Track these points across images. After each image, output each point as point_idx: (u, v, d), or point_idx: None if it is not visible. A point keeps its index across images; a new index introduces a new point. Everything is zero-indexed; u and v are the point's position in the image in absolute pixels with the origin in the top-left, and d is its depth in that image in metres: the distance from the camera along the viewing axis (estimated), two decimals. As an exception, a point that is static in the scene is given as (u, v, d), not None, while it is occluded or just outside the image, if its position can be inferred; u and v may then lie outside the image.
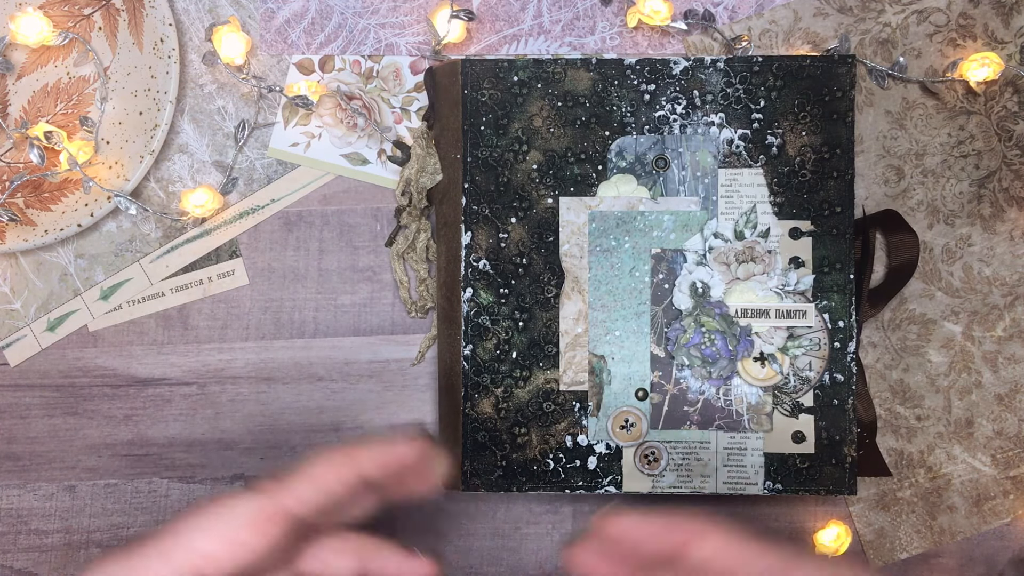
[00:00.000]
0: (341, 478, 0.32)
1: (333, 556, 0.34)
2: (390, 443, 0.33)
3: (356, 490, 0.33)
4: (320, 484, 0.32)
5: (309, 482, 0.32)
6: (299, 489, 0.31)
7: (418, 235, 0.51)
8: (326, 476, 0.32)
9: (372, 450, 0.33)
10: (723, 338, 0.47)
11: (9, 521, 0.52)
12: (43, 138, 0.50)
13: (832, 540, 0.50)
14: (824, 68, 0.47)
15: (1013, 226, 0.51)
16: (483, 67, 0.48)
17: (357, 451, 0.33)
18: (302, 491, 0.31)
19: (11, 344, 0.53)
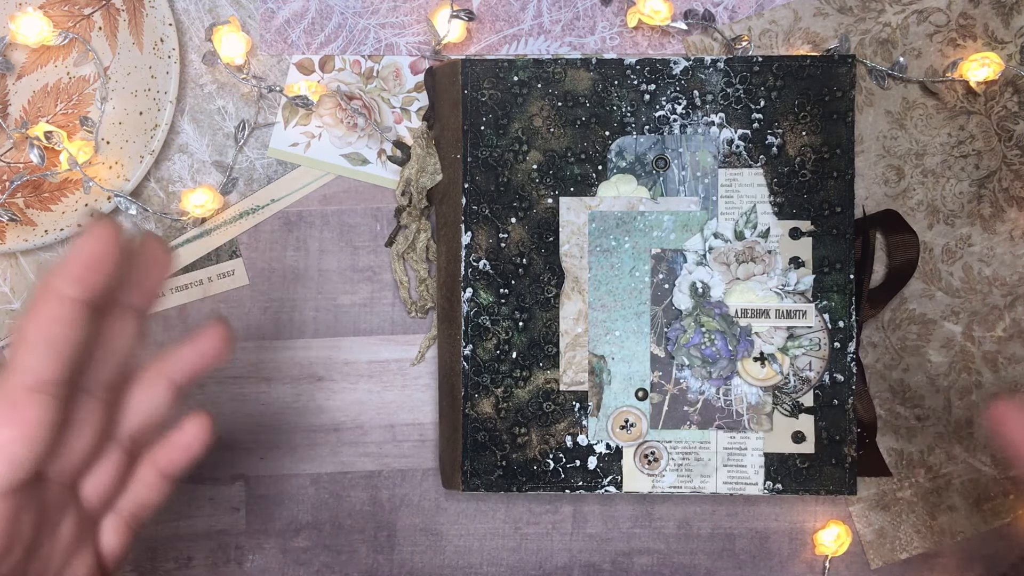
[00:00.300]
0: (56, 321, 0.27)
1: (143, 396, 0.31)
2: (78, 246, 0.28)
3: (76, 319, 0.27)
4: (40, 342, 0.27)
5: (31, 348, 0.27)
6: (21, 361, 0.27)
7: (418, 235, 0.51)
8: (43, 330, 0.27)
9: (67, 267, 0.28)
10: (723, 338, 0.47)
11: (9, 521, 0.52)
12: (43, 138, 0.50)
13: (832, 540, 0.50)
14: (824, 68, 0.47)
15: (1013, 226, 0.51)
16: (483, 67, 0.48)
17: (52, 281, 0.28)
18: (24, 360, 0.27)
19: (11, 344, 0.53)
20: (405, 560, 0.52)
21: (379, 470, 0.52)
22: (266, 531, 0.52)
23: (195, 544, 0.52)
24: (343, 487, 0.52)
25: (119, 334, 0.30)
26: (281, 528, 0.52)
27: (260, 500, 0.52)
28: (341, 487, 0.52)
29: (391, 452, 0.52)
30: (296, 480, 0.52)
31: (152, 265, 0.29)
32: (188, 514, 0.52)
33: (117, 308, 0.30)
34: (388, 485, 0.52)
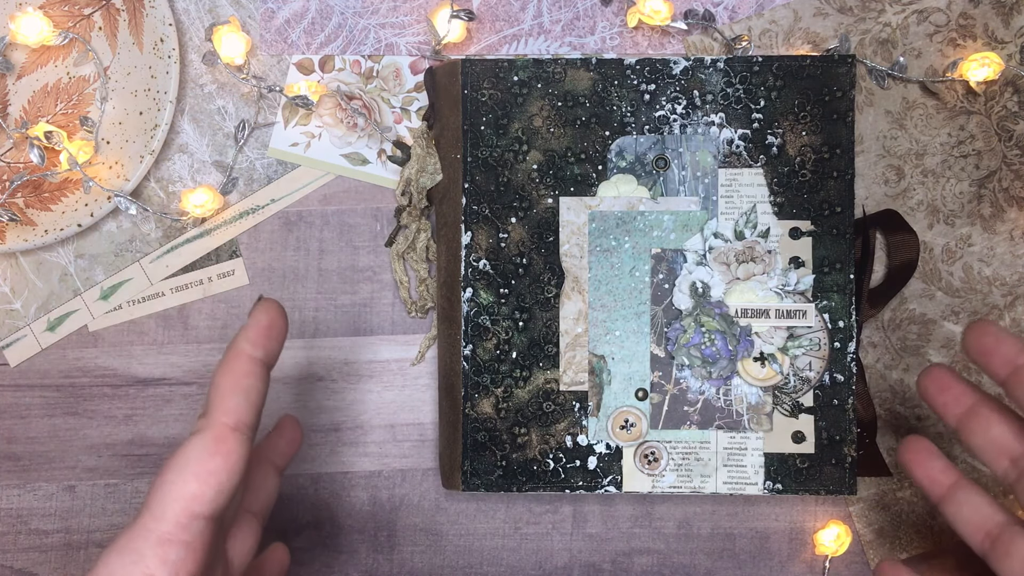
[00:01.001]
0: (242, 372, 0.35)
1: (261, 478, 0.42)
2: (253, 318, 0.36)
3: (260, 373, 0.35)
4: (232, 388, 0.34)
5: (225, 394, 0.34)
6: (221, 404, 0.34)
7: (418, 235, 0.51)
8: (233, 380, 0.34)
9: (247, 334, 0.36)
10: (723, 338, 0.47)
11: (9, 521, 0.52)
12: (43, 138, 0.50)
13: (832, 540, 0.50)
14: (824, 68, 0.47)
15: (1013, 226, 0.51)
16: (483, 67, 0.48)
17: (237, 344, 0.35)
18: (224, 404, 0.34)
19: (11, 344, 0.53)
20: (405, 560, 0.52)
21: (379, 470, 0.52)
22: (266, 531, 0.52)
23: (195, 544, 0.52)
24: (343, 487, 0.52)
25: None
26: (281, 528, 0.52)
27: (260, 500, 0.52)
28: (341, 487, 0.52)
29: (391, 452, 0.52)
30: (296, 480, 0.52)
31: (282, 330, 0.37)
32: (188, 514, 0.52)
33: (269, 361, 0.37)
34: (388, 485, 0.52)
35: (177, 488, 0.32)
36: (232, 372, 0.35)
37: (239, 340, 0.35)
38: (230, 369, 0.35)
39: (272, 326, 0.36)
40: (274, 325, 0.36)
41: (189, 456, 0.32)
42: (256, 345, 0.35)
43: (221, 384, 0.34)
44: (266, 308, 0.36)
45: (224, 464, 0.33)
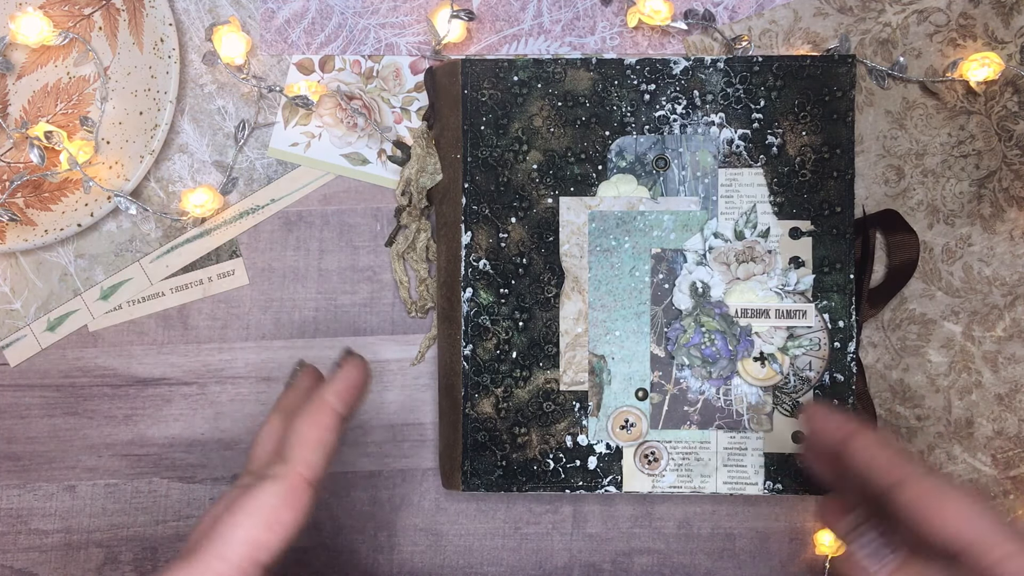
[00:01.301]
0: (326, 427, 0.36)
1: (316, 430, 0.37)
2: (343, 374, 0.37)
3: (340, 429, 0.37)
4: (316, 443, 0.35)
5: (307, 447, 0.35)
6: (302, 456, 0.35)
7: (418, 235, 0.51)
8: (318, 434, 0.35)
9: (336, 388, 0.37)
10: (723, 338, 0.47)
11: (9, 521, 0.52)
12: (43, 138, 0.50)
13: (832, 540, 0.50)
14: (824, 68, 0.47)
15: (1013, 226, 0.51)
16: (483, 67, 0.48)
17: (325, 397, 0.36)
18: (305, 456, 0.35)
19: (11, 344, 0.53)
20: (405, 560, 0.52)
21: (379, 470, 0.52)
22: (266, 531, 0.52)
23: (195, 544, 0.52)
24: (343, 487, 0.52)
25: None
26: (281, 528, 0.52)
27: (260, 500, 0.52)
28: (341, 487, 0.52)
29: (391, 452, 0.52)
30: (296, 480, 0.52)
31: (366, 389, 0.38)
32: (188, 514, 0.52)
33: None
34: (388, 485, 0.52)
35: (246, 533, 0.32)
36: (318, 425, 0.35)
37: (327, 394, 0.36)
38: (316, 422, 0.35)
39: (361, 385, 0.37)
40: (363, 384, 0.37)
41: (263, 503, 0.33)
42: (343, 402, 0.36)
43: (306, 435, 0.35)
44: (357, 366, 0.37)
45: (295, 518, 0.34)
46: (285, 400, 0.39)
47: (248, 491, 0.33)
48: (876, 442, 0.36)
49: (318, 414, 0.36)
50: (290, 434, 0.35)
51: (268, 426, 0.38)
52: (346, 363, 0.38)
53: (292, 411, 0.38)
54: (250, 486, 0.34)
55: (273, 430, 0.38)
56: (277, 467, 0.34)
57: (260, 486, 0.34)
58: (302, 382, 0.40)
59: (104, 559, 0.52)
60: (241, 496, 0.33)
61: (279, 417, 0.38)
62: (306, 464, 0.35)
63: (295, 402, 0.39)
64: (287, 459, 0.35)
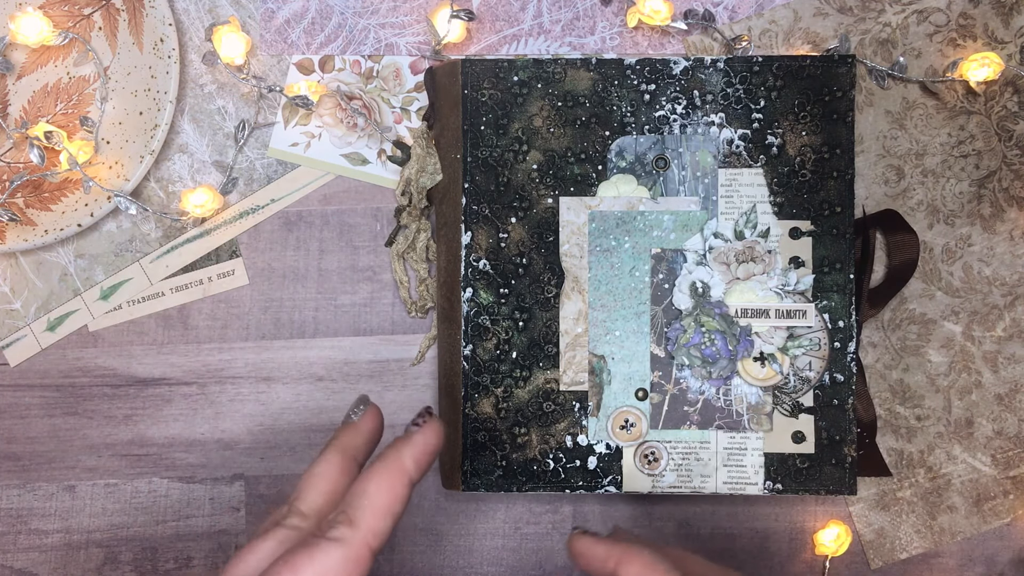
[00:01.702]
0: (400, 496, 0.34)
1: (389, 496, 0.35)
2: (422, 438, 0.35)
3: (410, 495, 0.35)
4: (388, 510, 0.33)
5: (379, 514, 0.33)
6: (373, 524, 0.33)
7: (418, 235, 0.51)
8: (390, 501, 0.33)
9: (414, 453, 0.35)
10: (723, 338, 0.47)
11: (9, 521, 0.52)
12: (43, 138, 0.50)
13: (832, 540, 0.50)
14: (824, 68, 0.47)
15: (1013, 226, 0.51)
16: (483, 67, 0.48)
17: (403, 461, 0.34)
18: (375, 525, 0.33)
19: (11, 344, 0.53)
20: (405, 560, 0.52)
21: (379, 470, 0.52)
22: (266, 531, 0.52)
23: (195, 544, 0.52)
24: (343, 487, 0.52)
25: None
26: (281, 528, 0.52)
27: (260, 500, 0.52)
28: (341, 487, 0.52)
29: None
30: (296, 480, 0.52)
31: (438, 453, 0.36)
32: (188, 514, 0.52)
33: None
34: (388, 485, 0.52)
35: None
36: (391, 491, 0.33)
37: (405, 458, 0.34)
38: (390, 487, 0.33)
39: (437, 450, 0.35)
40: (438, 449, 0.35)
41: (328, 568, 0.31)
42: (418, 467, 0.35)
43: (377, 500, 0.33)
44: (436, 431, 0.35)
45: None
46: (346, 439, 0.37)
47: (311, 550, 0.32)
48: (644, 567, 0.34)
49: (394, 479, 0.34)
50: (360, 495, 0.33)
51: (326, 464, 0.35)
52: (427, 429, 0.35)
53: (351, 455, 0.36)
54: (313, 546, 0.32)
55: (332, 471, 0.35)
56: (343, 529, 0.32)
57: (324, 548, 0.32)
58: (365, 424, 0.37)
59: (104, 559, 0.52)
60: (303, 553, 0.32)
61: (338, 457, 0.36)
62: (375, 533, 0.33)
63: (355, 444, 0.37)
64: (355, 522, 0.32)
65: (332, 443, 0.36)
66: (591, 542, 0.37)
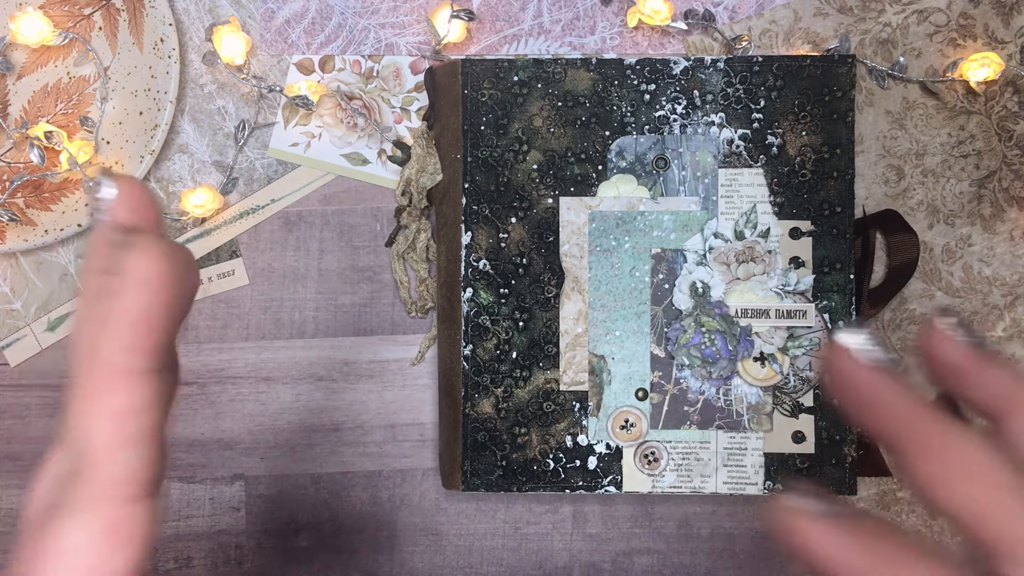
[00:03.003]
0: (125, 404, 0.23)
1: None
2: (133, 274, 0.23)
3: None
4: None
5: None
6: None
7: (418, 235, 0.51)
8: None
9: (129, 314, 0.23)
10: (723, 338, 0.47)
11: (9, 521, 0.52)
12: (43, 138, 0.50)
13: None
14: (824, 68, 0.47)
15: (1013, 226, 0.51)
16: (483, 67, 0.48)
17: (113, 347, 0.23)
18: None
19: (11, 344, 0.53)
20: (405, 560, 0.52)
21: (379, 470, 0.52)
22: (266, 531, 0.52)
23: (195, 544, 0.52)
24: (343, 487, 0.52)
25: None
26: (281, 528, 0.52)
27: (260, 500, 0.52)
28: (341, 487, 0.52)
29: (391, 452, 0.52)
30: (296, 480, 0.52)
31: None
32: (188, 514, 0.52)
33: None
34: (388, 485, 0.52)
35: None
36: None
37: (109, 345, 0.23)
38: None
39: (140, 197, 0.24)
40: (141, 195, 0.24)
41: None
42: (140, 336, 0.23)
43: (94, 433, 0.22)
44: (150, 251, 0.23)
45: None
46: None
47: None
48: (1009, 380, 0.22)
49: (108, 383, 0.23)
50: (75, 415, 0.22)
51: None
52: (134, 244, 0.23)
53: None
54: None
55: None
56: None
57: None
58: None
59: (104, 559, 0.52)
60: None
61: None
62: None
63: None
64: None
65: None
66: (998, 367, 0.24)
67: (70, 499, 0.23)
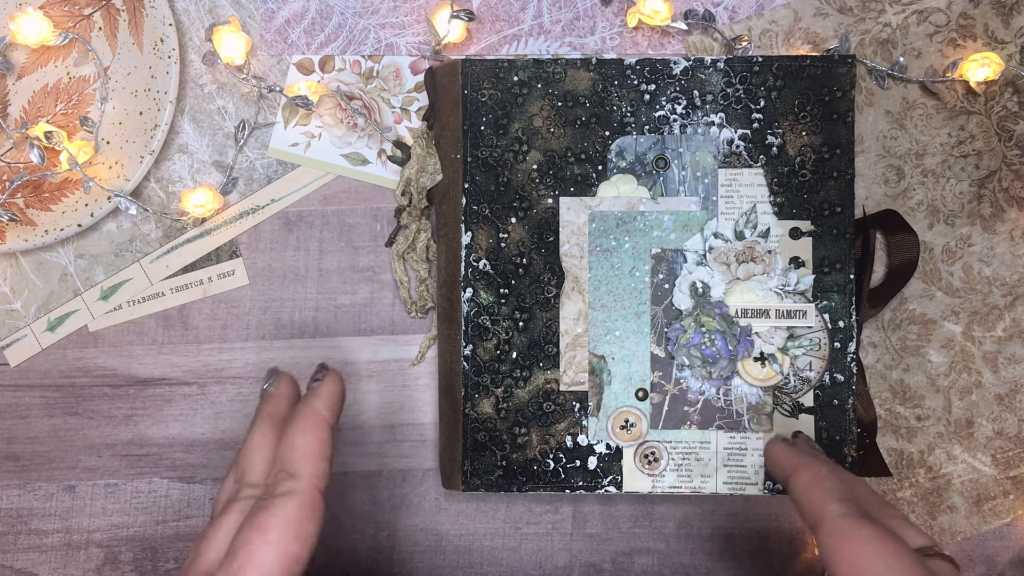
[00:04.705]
0: (325, 440, 0.38)
1: (313, 439, 0.39)
2: (328, 387, 0.39)
3: (332, 438, 0.39)
4: (319, 454, 0.37)
5: (313, 460, 0.37)
6: (312, 469, 0.36)
7: (418, 235, 0.51)
8: (319, 446, 0.37)
9: (324, 402, 0.38)
10: (723, 338, 0.47)
11: (9, 521, 0.52)
12: (43, 138, 0.50)
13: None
14: (824, 68, 0.47)
15: (1013, 226, 0.51)
16: (483, 67, 0.48)
17: (317, 411, 0.38)
18: (314, 469, 0.37)
19: (11, 344, 0.53)
20: (405, 560, 0.52)
21: (379, 470, 0.52)
22: (266, 531, 0.52)
23: (195, 544, 0.52)
24: (343, 487, 0.52)
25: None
26: (281, 528, 0.52)
27: (260, 500, 0.52)
28: (341, 487, 0.52)
29: (391, 452, 0.52)
30: (296, 480, 0.52)
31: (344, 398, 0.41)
32: (188, 514, 0.52)
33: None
34: (388, 485, 0.52)
35: (281, 549, 0.34)
36: (317, 438, 0.37)
37: (318, 407, 0.38)
38: (315, 436, 0.37)
39: (343, 396, 0.40)
40: (343, 395, 0.40)
41: (290, 518, 0.35)
42: (332, 413, 0.39)
43: (307, 449, 0.37)
44: (337, 379, 0.40)
45: (317, 527, 0.36)
46: (270, 408, 0.40)
47: (270, 508, 0.35)
48: (810, 480, 0.39)
49: (315, 428, 0.38)
50: (292, 449, 0.37)
51: (260, 436, 0.39)
52: (328, 378, 0.40)
53: (279, 421, 0.39)
54: (269, 504, 0.35)
55: (265, 441, 0.39)
56: (291, 482, 0.36)
57: (280, 502, 0.35)
58: (283, 390, 0.41)
59: (104, 559, 0.52)
60: (264, 513, 0.35)
61: (268, 426, 0.39)
62: (316, 475, 0.36)
63: (279, 411, 0.40)
64: (297, 473, 0.36)
65: (259, 417, 0.39)
66: (776, 447, 0.43)
67: (287, 491, 0.35)
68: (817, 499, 0.37)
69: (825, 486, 0.38)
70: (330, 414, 0.38)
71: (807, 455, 0.41)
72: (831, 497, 0.37)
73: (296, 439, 0.37)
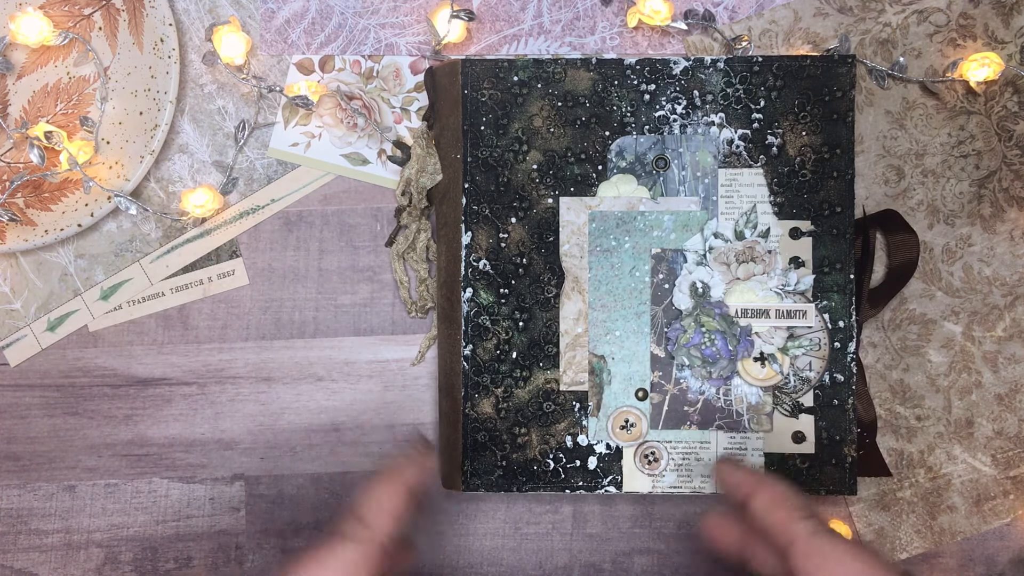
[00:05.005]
0: (403, 503, 0.39)
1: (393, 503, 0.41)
2: (420, 455, 0.41)
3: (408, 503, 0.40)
4: (392, 513, 0.39)
5: (385, 516, 0.39)
6: (381, 524, 0.38)
7: (418, 235, 0.51)
8: (394, 505, 0.39)
9: (415, 471, 0.41)
10: (723, 338, 0.47)
11: (9, 521, 0.52)
12: (43, 138, 0.50)
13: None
14: (824, 68, 0.47)
15: (1013, 226, 0.51)
16: (483, 67, 0.48)
17: (406, 475, 0.40)
18: (383, 525, 0.38)
19: (11, 344, 0.53)
20: (405, 560, 0.52)
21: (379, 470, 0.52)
22: (266, 531, 0.52)
23: (195, 544, 0.52)
24: (343, 487, 0.52)
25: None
26: (281, 528, 0.52)
27: (260, 500, 0.52)
28: (341, 487, 0.52)
29: (391, 452, 0.52)
30: (296, 480, 0.52)
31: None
32: (188, 514, 0.52)
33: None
34: (388, 485, 0.52)
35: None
36: (396, 498, 0.39)
37: (408, 472, 0.41)
38: (397, 495, 0.39)
39: (433, 470, 0.42)
40: (434, 469, 0.42)
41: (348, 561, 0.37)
42: (419, 482, 0.41)
43: (387, 506, 0.39)
44: (432, 454, 0.42)
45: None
46: (411, 475, 0.41)
47: (332, 548, 0.37)
48: (774, 500, 0.38)
49: (399, 488, 0.40)
50: (370, 499, 0.39)
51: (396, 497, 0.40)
52: (428, 450, 0.42)
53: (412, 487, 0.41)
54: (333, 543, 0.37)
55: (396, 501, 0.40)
56: (358, 529, 0.38)
57: (342, 544, 0.37)
58: (431, 463, 0.43)
59: (104, 559, 0.52)
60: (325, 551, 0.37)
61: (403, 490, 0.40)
62: (385, 533, 0.38)
63: (420, 480, 0.41)
64: (367, 523, 0.38)
65: (398, 475, 0.41)
66: (731, 468, 0.42)
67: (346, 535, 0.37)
68: (784, 518, 0.37)
69: (788, 504, 0.37)
70: (417, 482, 0.40)
71: (759, 474, 0.41)
72: (798, 515, 0.37)
73: (379, 492, 0.39)
